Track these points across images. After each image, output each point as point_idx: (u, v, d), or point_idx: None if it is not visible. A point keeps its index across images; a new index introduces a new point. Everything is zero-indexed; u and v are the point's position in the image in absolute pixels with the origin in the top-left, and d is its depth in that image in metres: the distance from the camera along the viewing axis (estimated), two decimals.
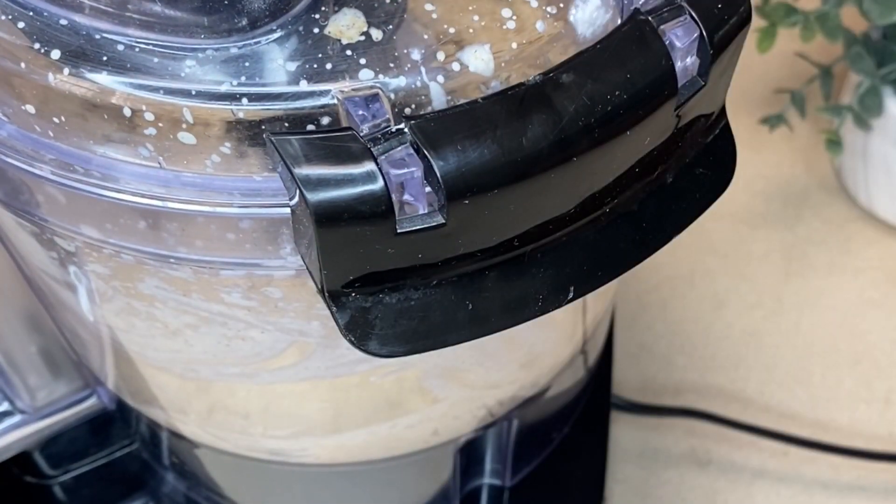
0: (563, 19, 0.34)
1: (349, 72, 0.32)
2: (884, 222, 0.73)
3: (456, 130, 0.29)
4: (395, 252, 0.31)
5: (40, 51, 0.32)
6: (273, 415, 0.45)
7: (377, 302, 0.32)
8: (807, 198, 0.75)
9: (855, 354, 0.67)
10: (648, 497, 0.62)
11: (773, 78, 0.79)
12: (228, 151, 0.32)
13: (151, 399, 0.47)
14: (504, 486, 0.56)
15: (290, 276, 0.36)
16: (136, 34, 0.32)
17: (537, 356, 0.48)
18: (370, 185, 0.29)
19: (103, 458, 0.56)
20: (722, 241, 0.73)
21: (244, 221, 0.34)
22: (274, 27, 0.32)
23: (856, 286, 0.70)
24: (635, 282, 0.70)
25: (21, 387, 0.50)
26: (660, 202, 0.35)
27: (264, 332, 0.39)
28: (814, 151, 0.77)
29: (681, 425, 0.64)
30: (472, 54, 0.33)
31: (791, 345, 0.68)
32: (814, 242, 0.73)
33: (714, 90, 0.34)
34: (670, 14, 0.32)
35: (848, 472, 0.62)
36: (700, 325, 0.68)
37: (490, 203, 0.30)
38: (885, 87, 0.67)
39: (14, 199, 0.37)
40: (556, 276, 0.34)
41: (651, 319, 0.69)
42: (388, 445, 0.47)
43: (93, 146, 0.33)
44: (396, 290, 0.32)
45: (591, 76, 0.31)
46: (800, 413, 0.65)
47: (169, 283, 0.37)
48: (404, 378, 0.43)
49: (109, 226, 0.35)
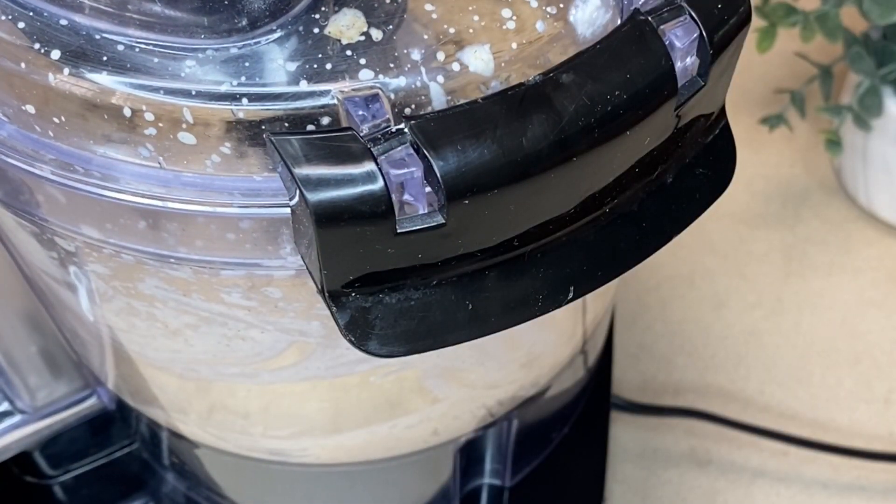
0: (563, 19, 0.34)
1: (349, 72, 0.32)
2: (884, 222, 0.73)
3: (456, 130, 0.29)
4: (395, 252, 0.31)
5: (40, 51, 0.32)
6: (273, 415, 0.45)
7: (377, 302, 0.32)
8: (807, 198, 0.75)
9: (855, 354, 0.67)
10: (648, 497, 0.62)
11: (773, 78, 0.79)
12: (228, 151, 0.32)
13: (151, 399, 0.47)
14: (504, 486, 0.56)
15: (290, 276, 0.36)
16: (136, 34, 0.32)
17: (537, 356, 0.48)
18: (370, 185, 0.29)
19: (103, 458, 0.56)
20: (722, 241, 0.73)
21: (244, 221, 0.34)
22: (274, 27, 0.32)
23: (856, 286, 0.70)
24: (635, 282, 0.70)
25: (21, 387, 0.50)
26: (660, 202, 0.35)
27: (264, 332, 0.39)
28: (814, 151, 0.77)
29: (681, 425, 0.64)
30: (472, 54, 0.33)
31: (791, 345, 0.68)
32: (814, 242, 0.73)
33: (714, 90, 0.34)
34: (670, 14, 0.32)
35: (848, 472, 0.62)
36: (700, 325, 0.68)
37: (490, 203, 0.30)
38: (885, 87, 0.67)
39: (14, 199, 0.37)
40: (556, 276, 0.34)
41: (651, 319, 0.69)
42: (388, 445, 0.47)
43: (93, 146, 0.33)
44: (396, 290, 0.32)
45: (591, 76, 0.31)
46: (800, 413, 0.65)
47: (169, 283, 0.37)
48: (404, 378, 0.43)
49: (109, 226, 0.35)
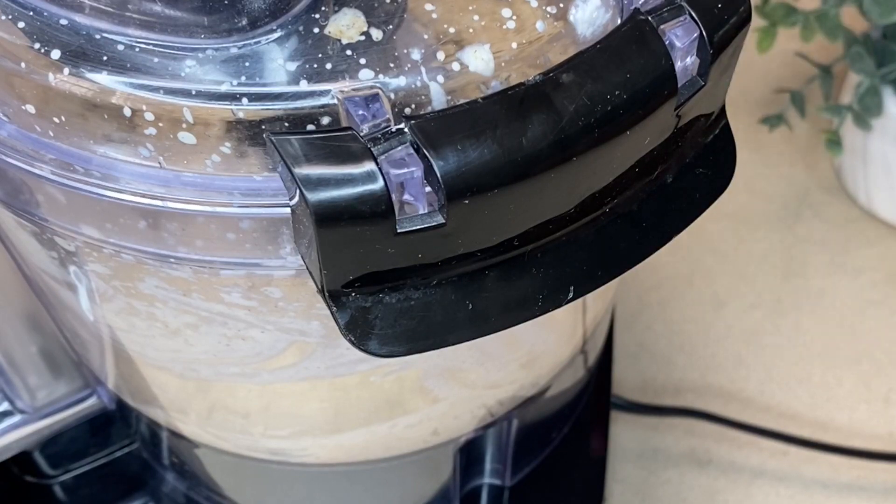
0: (563, 19, 0.34)
1: (349, 72, 0.32)
2: (884, 222, 0.73)
3: (456, 130, 0.29)
4: (395, 252, 0.31)
5: (40, 51, 0.32)
6: (273, 414, 0.45)
7: (377, 302, 0.32)
8: (807, 198, 0.75)
9: (855, 354, 0.67)
10: (648, 497, 0.61)
11: (773, 78, 0.79)
12: (228, 151, 0.32)
13: (151, 399, 0.47)
14: (504, 486, 0.56)
15: (290, 276, 0.36)
16: (136, 34, 0.32)
17: (537, 356, 0.48)
18: (370, 185, 0.29)
19: (103, 458, 0.56)
20: (722, 241, 0.73)
21: (244, 221, 0.34)
22: (274, 27, 0.32)
23: (856, 286, 0.70)
24: (635, 282, 0.70)
25: (21, 387, 0.50)
26: (660, 202, 0.35)
27: (264, 332, 0.39)
28: (814, 151, 0.77)
29: (681, 425, 0.64)
30: (472, 54, 0.33)
31: (791, 345, 0.68)
32: (814, 242, 0.73)
33: (714, 90, 0.34)
34: (670, 14, 0.32)
35: (848, 472, 0.62)
36: (700, 325, 0.68)
37: (490, 203, 0.30)
38: (885, 86, 0.67)
39: (14, 199, 0.37)
40: (556, 276, 0.34)
41: (651, 319, 0.69)
42: (388, 445, 0.47)
43: (93, 146, 0.33)
44: (396, 289, 0.32)
45: (591, 76, 0.31)
46: (800, 413, 0.65)
47: (169, 283, 0.37)
48: (404, 378, 0.43)
49: (109, 226, 0.35)
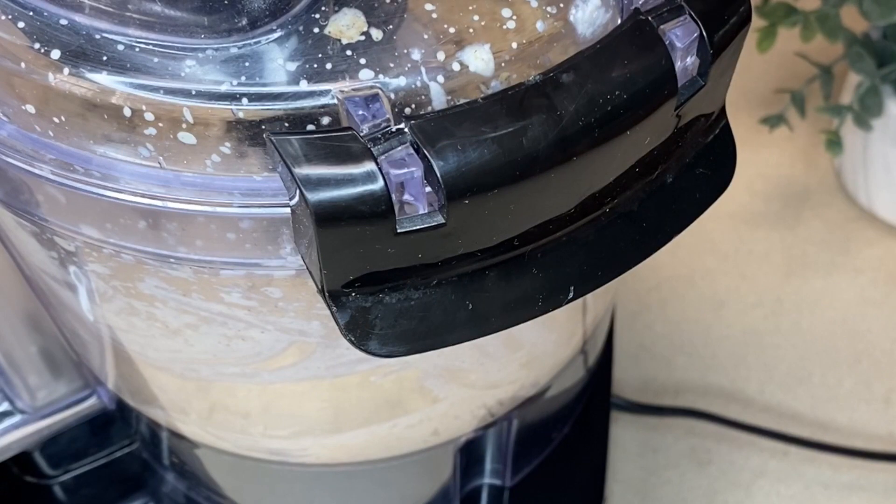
0: (563, 19, 0.34)
1: (349, 72, 0.32)
2: (884, 222, 0.73)
3: (456, 130, 0.29)
4: (395, 252, 0.31)
5: (40, 51, 0.32)
6: (273, 415, 0.45)
7: (377, 302, 0.32)
8: (807, 198, 0.75)
9: (855, 354, 0.67)
10: (648, 497, 0.62)
11: (773, 78, 0.79)
12: (228, 151, 0.32)
13: (151, 399, 0.47)
14: (504, 486, 0.56)
15: (290, 276, 0.36)
16: (136, 34, 0.32)
17: (537, 356, 0.48)
18: (370, 185, 0.29)
19: (103, 458, 0.56)
20: (722, 241, 0.73)
21: (244, 221, 0.34)
22: (274, 27, 0.32)
23: (856, 286, 0.70)
24: (635, 282, 0.70)
25: (21, 387, 0.50)
26: (660, 202, 0.35)
27: (264, 332, 0.39)
28: (814, 151, 0.77)
29: (681, 425, 0.64)
30: (472, 54, 0.33)
31: (791, 345, 0.68)
32: (814, 242, 0.73)
33: (714, 90, 0.34)
34: (670, 14, 0.32)
35: (848, 472, 0.62)
36: (700, 325, 0.68)
37: (490, 203, 0.30)
38: (885, 86, 0.67)
39: (14, 199, 0.37)
40: (556, 276, 0.34)
41: (651, 319, 0.69)
42: (388, 445, 0.47)
43: (93, 146, 0.33)
44: (396, 290, 0.32)
45: (591, 76, 0.31)
46: (800, 413, 0.65)
47: (169, 283, 0.37)
48: (404, 378, 0.43)
49: (109, 226, 0.35)
